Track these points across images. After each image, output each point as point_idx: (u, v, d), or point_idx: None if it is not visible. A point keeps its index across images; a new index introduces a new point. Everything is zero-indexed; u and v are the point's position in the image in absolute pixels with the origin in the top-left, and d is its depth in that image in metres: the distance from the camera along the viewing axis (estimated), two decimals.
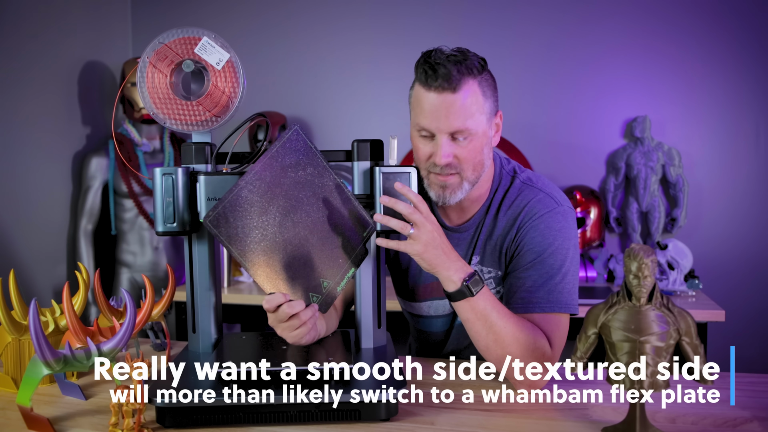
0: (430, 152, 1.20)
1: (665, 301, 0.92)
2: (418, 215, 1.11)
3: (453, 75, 1.14)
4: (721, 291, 2.68)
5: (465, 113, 1.16)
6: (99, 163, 2.84)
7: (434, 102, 1.16)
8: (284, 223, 1.11)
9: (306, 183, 1.13)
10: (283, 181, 1.11)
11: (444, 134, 1.17)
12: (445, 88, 1.15)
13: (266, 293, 1.10)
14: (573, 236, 1.25)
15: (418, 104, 1.19)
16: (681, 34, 2.81)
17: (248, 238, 1.09)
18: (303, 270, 1.12)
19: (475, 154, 1.20)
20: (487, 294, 1.14)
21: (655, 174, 2.78)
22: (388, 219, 1.12)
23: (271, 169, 1.11)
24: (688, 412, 1.03)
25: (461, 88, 1.15)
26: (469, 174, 1.21)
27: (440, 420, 1.03)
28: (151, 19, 3.28)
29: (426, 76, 1.16)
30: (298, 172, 1.13)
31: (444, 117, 1.16)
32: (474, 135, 1.18)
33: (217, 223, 1.07)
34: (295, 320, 1.09)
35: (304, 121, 3.13)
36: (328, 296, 1.14)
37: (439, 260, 1.12)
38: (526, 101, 2.90)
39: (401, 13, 3.05)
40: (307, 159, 1.13)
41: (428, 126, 1.18)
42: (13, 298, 1.23)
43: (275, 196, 1.11)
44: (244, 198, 1.09)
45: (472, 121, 1.17)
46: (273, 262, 1.10)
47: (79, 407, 1.12)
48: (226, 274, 2.60)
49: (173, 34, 1.15)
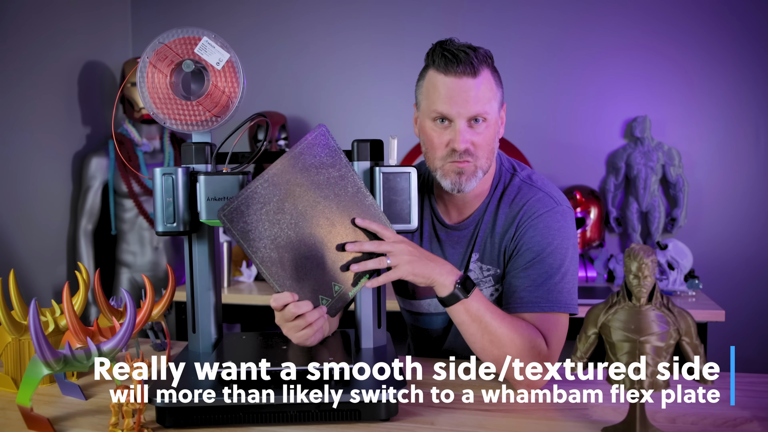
0: (447, 139, 1.21)
1: (665, 301, 0.92)
2: (385, 245, 1.12)
3: (473, 60, 1.18)
4: (721, 291, 2.68)
5: (483, 98, 1.19)
6: (99, 163, 2.84)
7: (454, 87, 1.18)
8: (300, 223, 1.11)
9: (327, 184, 1.12)
10: (304, 180, 1.11)
11: (463, 119, 1.19)
12: (466, 72, 1.18)
13: (275, 292, 1.10)
14: (572, 236, 1.25)
15: (434, 90, 1.20)
16: (681, 34, 2.81)
17: (262, 236, 1.09)
18: (315, 272, 1.11)
19: (489, 141, 1.22)
20: (480, 296, 1.15)
21: (655, 174, 2.78)
22: (364, 264, 1.12)
23: (292, 167, 1.11)
24: (688, 412, 1.03)
25: (480, 74, 1.19)
26: (482, 162, 1.23)
27: (440, 420, 1.03)
28: (151, 19, 3.28)
29: (446, 60, 1.18)
30: (320, 173, 1.12)
31: (464, 101, 1.18)
32: (489, 122, 1.21)
33: (231, 217, 1.07)
34: (301, 321, 1.09)
35: (304, 121, 3.13)
36: (339, 300, 1.13)
37: (428, 269, 1.12)
38: (527, 101, 2.90)
39: (401, 13, 3.05)
40: (331, 160, 1.13)
41: (447, 111, 1.19)
42: (13, 298, 1.23)
43: (293, 195, 1.10)
44: (261, 195, 1.08)
45: (489, 107, 1.20)
46: (285, 262, 1.10)
47: (79, 407, 1.12)
48: (226, 274, 2.60)
49: (173, 34, 1.15)
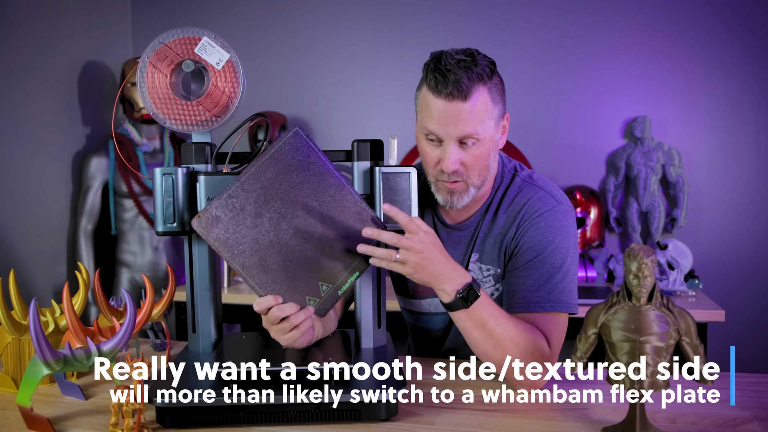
0: (437, 158, 1.20)
1: (665, 301, 0.92)
2: (405, 240, 1.09)
3: (463, 83, 1.13)
4: (721, 291, 2.68)
5: (474, 120, 1.15)
6: (99, 163, 2.84)
7: (443, 109, 1.15)
8: (280, 226, 1.09)
9: (305, 185, 1.11)
10: (281, 182, 1.10)
11: (452, 140, 1.17)
12: (455, 96, 1.13)
13: (258, 296, 1.09)
14: (573, 235, 1.25)
15: (426, 108, 1.18)
16: (681, 34, 2.81)
17: (240, 241, 1.07)
18: (300, 273, 1.10)
19: (481, 160, 1.20)
20: (484, 302, 1.13)
21: (655, 174, 2.78)
22: (373, 249, 1.10)
23: (267, 170, 1.09)
24: (688, 412, 1.03)
25: (471, 96, 1.14)
26: (474, 180, 1.21)
27: (440, 420, 1.03)
28: (151, 19, 3.28)
29: (436, 82, 1.14)
30: (297, 174, 1.11)
31: (453, 123, 1.15)
32: (482, 141, 1.18)
33: (206, 225, 1.06)
34: (286, 323, 1.09)
35: (304, 121, 3.13)
36: (328, 300, 1.12)
37: (431, 277, 1.11)
38: (527, 101, 2.90)
39: (402, 13, 3.05)
40: (309, 160, 1.11)
41: (436, 131, 1.17)
42: (13, 298, 1.23)
43: (271, 199, 1.09)
44: (237, 200, 1.07)
45: (482, 127, 1.16)
46: (267, 265, 1.09)
47: (79, 407, 1.12)
48: (226, 274, 2.60)
49: (173, 34, 1.15)
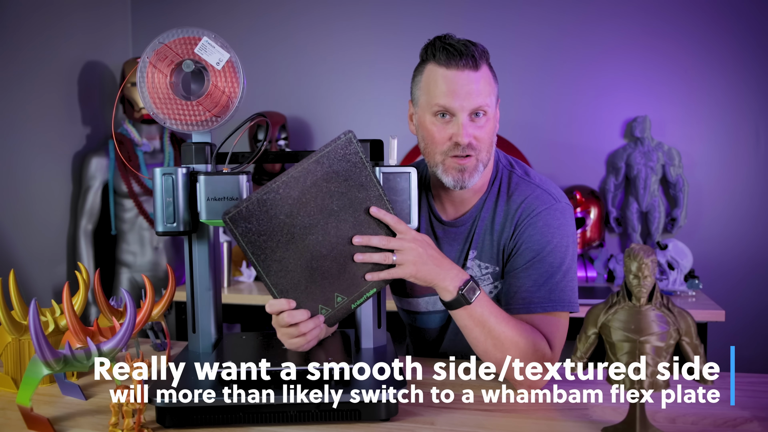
0: (450, 133, 1.20)
1: (665, 301, 0.92)
2: (395, 242, 1.09)
3: (475, 53, 1.18)
4: (721, 291, 2.68)
5: (484, 92, 1.19)
6: (99, 163, 2.84)
7: (455, 79, 1.18)
8: (310, 232, 1.07)
9: (344, 194, 1.08)
10: (321, 189, 1.07)
11: (465, 113, 1.19)
12: (468, 65, 1.18)
13: (273, 297, 1.09)
14: (571, 233, 1.24)
15: (434, 85, 1.20)
16: (681, 34, 2.81)
17: (267, 242, 1.06)
18: (320, 281, 1.09)
19: (490, 134, 1.22)
20: (484, 299, 1.13)
21: (655, 174, 2.78)
22: (369, 255, 1.10)
23: (310, 174, 1.07)
24: (688, 412, 1.03)
25: (481, 67, 1.19)
26: (483, 156, 1.22)
27: (440, 420, 1.03)
28: (151, 19, 3.28)
29: (448, 54, 1.18)
30: (340, 183, 1.08)
31: (467, 94, 1.18)
32: (489, 117, 1.21)
33: (236, 221, 1.05)
34: (294, 329, 1.08)
35: (304, 121, 3.13)
36: (339, 311, 1.11)
37: (432, 274, 1.11)
38: (526, 101, 2.90)
39: (401, 13, 3.05)
40: (353, 169, 1.08)
41: (449, 104, 1.18)
42: (13, 298, 1.23)
43: (307, 204, 1.07)
44: (272, 199, 1.06)
45: (489, 100, 1.20)
46: (288, 270, 1.07)
47: (79, 407, 1.12)
48: (226, 274, 2.60)
49: (173, 34, 1.15)
